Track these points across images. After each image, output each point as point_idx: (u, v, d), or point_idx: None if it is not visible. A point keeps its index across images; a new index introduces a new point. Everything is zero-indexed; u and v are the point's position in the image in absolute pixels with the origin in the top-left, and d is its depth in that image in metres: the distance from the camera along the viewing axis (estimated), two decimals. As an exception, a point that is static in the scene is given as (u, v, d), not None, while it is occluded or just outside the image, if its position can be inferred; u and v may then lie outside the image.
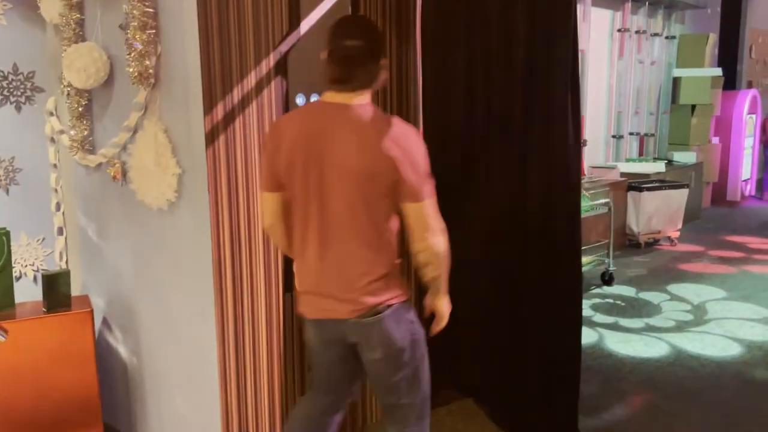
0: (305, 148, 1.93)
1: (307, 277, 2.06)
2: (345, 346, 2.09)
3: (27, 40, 3.09)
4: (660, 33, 8.23)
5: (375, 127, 1.93)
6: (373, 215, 1.95)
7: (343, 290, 1.99)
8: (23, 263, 3.20)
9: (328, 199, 1.94)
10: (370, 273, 1.97)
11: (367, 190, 1.92)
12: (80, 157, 2.89)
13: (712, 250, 6.71)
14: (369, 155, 1.89)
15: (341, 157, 1.91)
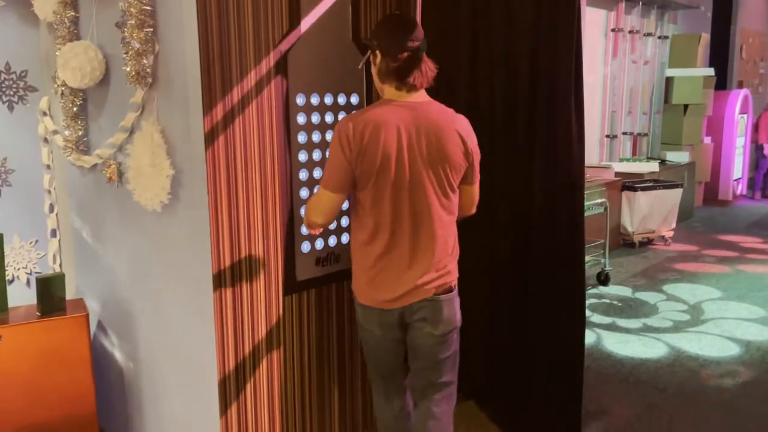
0: (403, 149, 2.09)
1: (388, 269, 2.18)
2: (404, 325, 2.26)
3: (20, 39, 3.03)
4: (653, 33, 8.25)
5: (451, 121, 2.16)
6: (450, 202, 2.21)
7: (428, 271, 2.18)
8: (16, 266, 3.14)
9: (422, 190, 2.13)
10: (447, 255, 2.22)
11: (453, 178, 2.18)
12: (75, 157, 2.84)
13: (706, 250, 6.73)
14: (456, 148, 2.14)
15: (434, 152, 2.11)
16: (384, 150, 2.08)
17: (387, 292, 2.20)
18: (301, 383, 2.67)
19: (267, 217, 2.45)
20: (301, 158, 2.54)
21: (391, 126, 2.08)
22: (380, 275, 2.20)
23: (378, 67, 2.16)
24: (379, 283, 2.21)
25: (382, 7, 2.75)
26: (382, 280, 2.20)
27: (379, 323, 2.27)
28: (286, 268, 2.53)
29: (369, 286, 2.23)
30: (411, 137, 2.10)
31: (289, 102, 2.47)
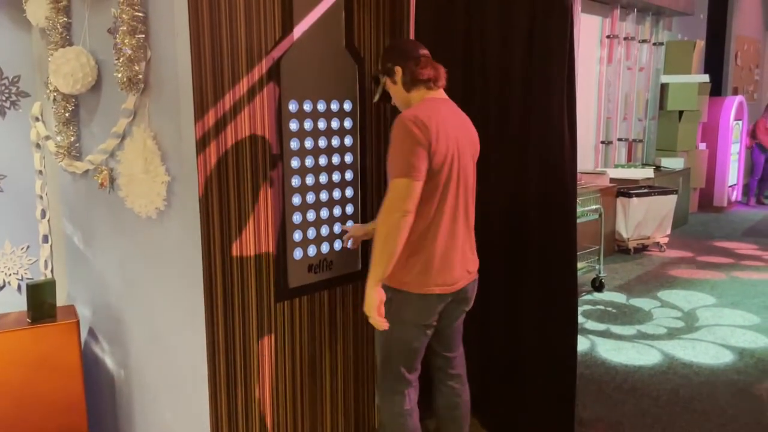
0: (455, 140, 2.28)
1: (450, 254, 2.33)
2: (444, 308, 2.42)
3: (12, 44, 3.02)
4: (648, 39, 8.28)
5: (467, 117, 2.44)
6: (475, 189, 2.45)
7: (474, 255, 2.46)
8: (7, 272, 3.12)
9: (467, 180, 2.36)
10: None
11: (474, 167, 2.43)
12: (66, 163, 2.82)
13: (700, 256, 6.74)
14: (476, 139, 2.44)
15: (469, 144, 2.38)
16: (447, 140, 2.25)
17: (450, 275, 2.35)
18: (293, 391, 2.66)
19: (259, 223, 2.44)
20: (293, 165, 2.53)
21: (444, 118, 2.28)
22: (444, 260, 2.32)
23: (402, 81, 2.36)
24: (444, 267, 2.33)
25: (376, 14, 2.75)
26: (447, 264, 2.33)
27: (433, 311, 2.37)
28: (278, 275, 2.52)
29: (435, 273, 2.31)
30: (458, 128, 2.33)
31: (281, 109, 2.47)
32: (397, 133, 2.21)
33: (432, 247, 2.31)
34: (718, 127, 9.30)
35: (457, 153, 2.29)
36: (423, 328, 2.40)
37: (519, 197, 2.79)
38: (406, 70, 2.34)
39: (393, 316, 2.33)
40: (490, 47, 2.77)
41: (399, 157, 2.19)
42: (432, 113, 2.24)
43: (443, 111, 2.31)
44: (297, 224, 2.57)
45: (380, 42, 2.78)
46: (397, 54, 2.38)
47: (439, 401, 2.64)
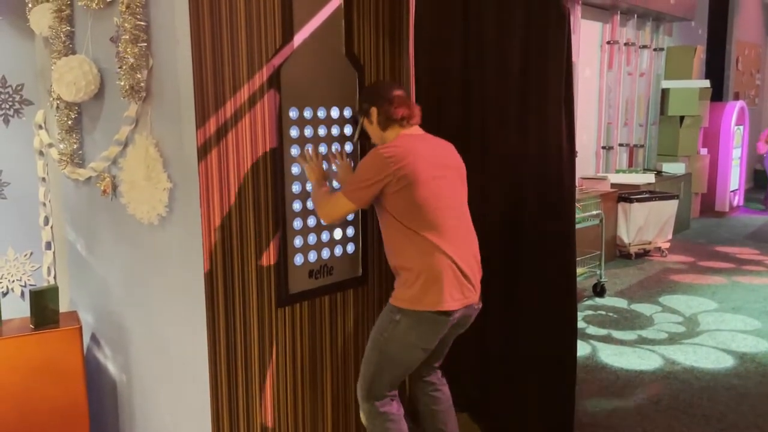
0: (435, 164, 2.39)
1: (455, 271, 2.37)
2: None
3: (16, 53, 3.05)
4: (648, 45, 8.30)
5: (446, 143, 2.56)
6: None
7: (477, 281, 2.49)
8: (10, 278, 3.15)
9: (459, 199, 2.48)
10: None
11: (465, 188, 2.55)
12: (69, 170, 2.85)
13: (702, 261, 6.74)
14: (461, 162, 2.54)
15: (455, 168, 2.49)
16: (426, 166, 2.36)
17: (457, 291, 2.38)
18: (294, 396, 2.67)
19: (260, 229, 2.46)
20: (293, 171, 2.55)
21: (419, 149, 2.39)
22: (450, 276, 2.37)
23: (378, 120, 2.47)
24: (451, 283, 2.37)
25: (375, 22, 2.77)
26: (453, 280, 2.37)
27: (440, 332, 2.42)
28: (279, 281, 2.54)
29: (443, 288, 2.35)
30: (437, 155, 2.44)
31: (282, 116, 2.49)
32: (366, 160, 2.40)
33: (438, 265, 2.34)
34: (720, 132, 9.31)
35: (441, 174, 2.40)
36: (426, 351, 2.45)
37: (518, 204, 2.80)
38: (381, 110, 2.45)
39: (399, 336, 2.39)
40: (488, 54, 2.79)
41: (356, 181, 2.39)
42: (405, 146, 2.38)
43: (417, 144, 2.42)
44: (298, 230, 2.59)
45: (380, 49, 2.81)
46: (372, 95, 2.51)
47: (419, 399, 2.67)
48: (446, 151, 2.52)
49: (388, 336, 2.42)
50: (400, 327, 2.38)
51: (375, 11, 2.77)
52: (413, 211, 2.35)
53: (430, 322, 2.37)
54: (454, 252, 2.38)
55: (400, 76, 2.92)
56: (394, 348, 2.42)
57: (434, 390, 2.67)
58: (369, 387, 2.50)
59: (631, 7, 7.37)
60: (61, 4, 2.70)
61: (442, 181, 2.40)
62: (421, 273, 2.35)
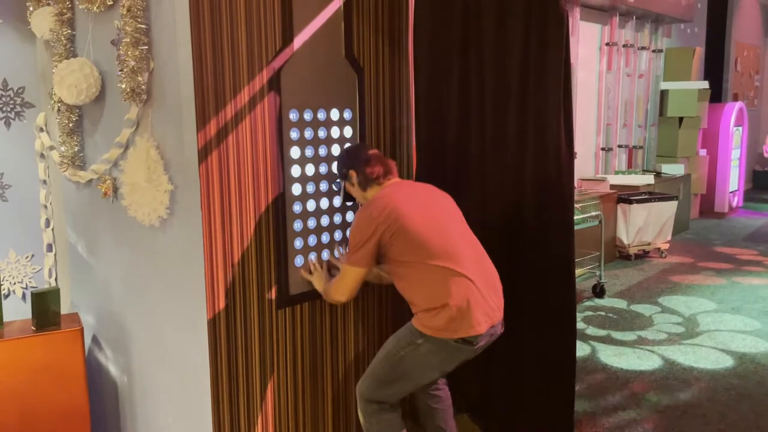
0: (424, 203, 2.47)
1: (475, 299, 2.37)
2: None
3: (17, 56, 3.07)
4: (647, 46, 8.32)
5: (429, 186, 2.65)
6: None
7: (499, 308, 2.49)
8: (12, 281, 3.16)
9: (458, 228, 2.51)
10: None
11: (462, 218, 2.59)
12: (70, 173, 2.86)
13: (701, 262, 6.75)
14: (450, 199, 2.60)
15: (445, 203, 2.56)
16: (415, 207, 2.42)
17: (476, 318, 2.36)
18: (294, 397, 2.68)
19: (260, 231, 2.47)
20: (293, 173, 2.57)
21: (402, 195, 2.47)
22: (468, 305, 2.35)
23: (358, 181, 2.54)
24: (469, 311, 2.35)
25: (374, 24, 2.79)
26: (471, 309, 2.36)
27: (459, 359, 2.44)
28: (279, 282, 2.55)
29: (463, 317, 2.34)
30: (423, 195, 2.53)
31: (282, 118, 2.51)
32: (354, 224, 2.48)
33: (457, 291, 2.33)
34: (719, 133, 9.32)
35: (427, 205, 2.47)
36: (442, 373, 2.52)
37: (516, 203, 2.81)
38: (359, 172, 2.53)
39: (418, 359, 2.41)
40: (486, 56, 2.81)
41: (353, 247, 2.44)
42: (384, 195, 2.46)
43: (396, 190, 2.50)
44: (298, 232, 2.60)
45: (379, 51, 2.82)
46: (349, 159, 2.59)
47: (418, 397, 2.69)
48: (426, 189, 2.59)
49: (405, 355, 2.42)
50: (420, 351, 2.39)
51: (374, 14, 2.79)
52: (416, 244, 2.36)
53: (454, 351, 2.38)
54: (470, 270, 2.38)
55: (399, 79, 2.93)
56: (408, 367, 2.43)
57: (435, 389, 2.69)
58: (373, 391, 2.51)
59: (629, 8, 7.39)
60: (62, 8, 2.72)
61: (432, 209, 2.47)
62: (445, 305, 2.33)
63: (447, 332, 2.33)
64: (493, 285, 2.47)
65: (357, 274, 2.45)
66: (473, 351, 2.40)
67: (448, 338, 2.34)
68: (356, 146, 2.69)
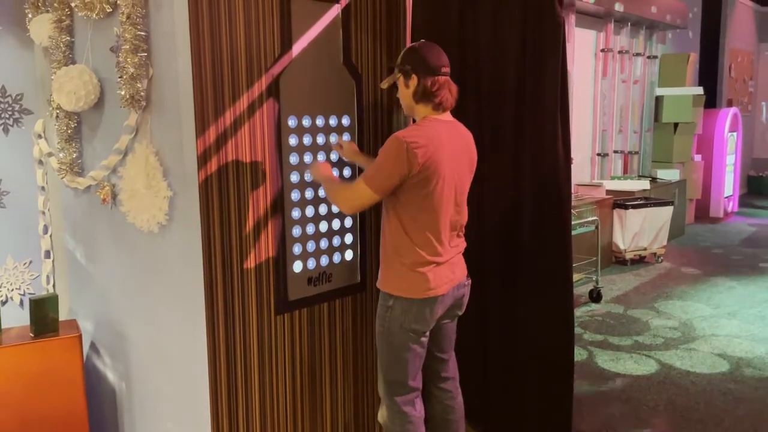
0: (452, 160, 2.37)
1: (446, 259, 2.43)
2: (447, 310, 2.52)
3: (15, 62, 3.07)
4: (642, 53, 8.37)
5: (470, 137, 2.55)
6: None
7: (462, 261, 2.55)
8: (9, 287, 3.15)
9: (462, 194, 2.48)
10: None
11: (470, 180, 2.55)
12: (69, 179, 2.87)
13: (697, 267, 6.78)
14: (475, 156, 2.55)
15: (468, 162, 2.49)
16: (442, 161, 2.33)
17: (447, 277, 2.44)
18: (293, 403, 2.68)
19: (259, 237, 2.48)
20: (292, 179, 2.58)
21: (442, 143, 2.34)
22: (441, 264, 2.42)
23: (414, 90, 2.38)
24: (442, 271, 2.42)
25: (372, 31, 2.80)
26: (444, 268, 2.43)
27: (434, 315, 2.45)
28: (278, 288, 2.56)
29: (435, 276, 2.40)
30: (457, 150, 2.43)
31: (280, 124, 2.52)
32: (387, 148, 2.32)
33: (430, 254, 2.40)
34: (714, 138, 9.38)
35: (453, 171, 2.39)
36: (422, 333, 2.47)
37: (514, 209, 2.83)
38: (422, 83, 2.36)
39: (394, 322, 2.42)
40: (483, 62, 2.83)
41: (376, 170, 2.33)
42: (431, 135, 2.32)
43: (443, 135, 2.36)
44: (296, 237, 2.61)
45: (377, 58, 2.84)
46: (419, 62, 2.37)
47: (434, 406, 2.68)
48: (466, 142, 2.50)
49: (388, 324, 2.45)
50: (395, 312, 2.42)
51: (372, 21, 2.80)
52: (425, 207, 2.35)
53: (422, 305, 2.41)
54: (446, 244, 2.44)
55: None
56: (396, 334, 2.44)
57: (449, 398, 2.69)
58: (387, 381, 2.52)
59: (624, 15, 7.44)
60: (61, 14, 2.72)
61: (456, 183, 2.42)
62: (412, 266, 2.39)
63: (410, 292, 2.39)
64: (459, 246, 2.54)
65: (370, 197, 2.34)
66: (440, 301, 2.44)
67: (412, 297, 2.40)
68: (434, 51, 2.41)
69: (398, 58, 2.48)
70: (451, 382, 2.69)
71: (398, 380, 2.50)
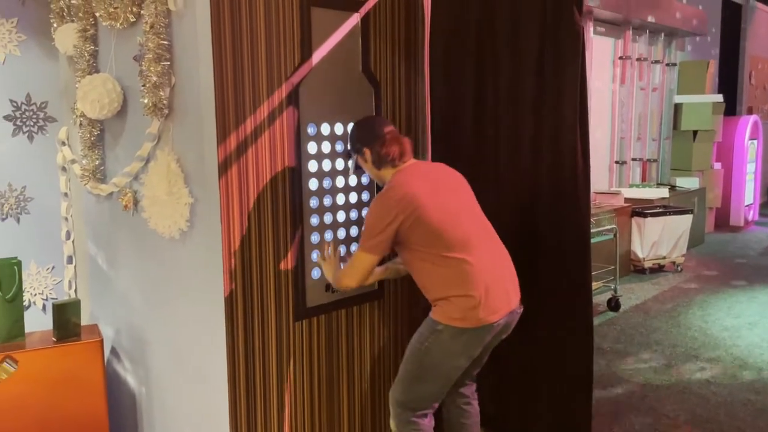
0: (440, 189, 2.45)
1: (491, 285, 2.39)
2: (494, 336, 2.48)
3: (40, 71, 3.13)
4: (661, 60, 8.32)
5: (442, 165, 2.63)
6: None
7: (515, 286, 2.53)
8: (32, 292, 3.20)
9: (474, 214, 2.52)
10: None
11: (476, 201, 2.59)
12: (92, 186, 2.91)
13: (718, 276, 6.70)
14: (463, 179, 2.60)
15: (460, 186, 2.55)
16: (432, 194, 2.39)
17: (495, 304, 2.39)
18: (311, 408, 2.69)
19: (278, 244, 2.50)
20: (311, 186, 2.60)
21: (420, 182, 2.43)
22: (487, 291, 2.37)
23: (372, 159, 2.50)
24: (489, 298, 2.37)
25: (391, 39, 2.82)
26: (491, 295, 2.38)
27: (482, 343, 2.43)
28: (297, 295, 2.57)
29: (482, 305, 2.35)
30: (439, 180, 2.49)
31: (300, 132, 2.54)
32: (372, 210, 2.43)
33: (474, 284, 2.35)
34: (733, 146, 9.28)
35: (444, 193, 2.44)
36: (469, 358, 2.45)
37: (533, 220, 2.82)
38: (373, 151, 2.48)
39: (439, 346, 2.39)
40: (502, 72, 2.83)
41: (367, 232, 2.40)
42: (403, 181, 2.43)
43: (414, 174, 2.47)
44: (315, 244, 2.63)
45: (396, 67, 2.85)
46: (363, 135, 2.53)
47: (450, 410, 2.67)
48: (440, 171, 2.57)
49: (429, 345, 2.41)
50: (443, 337, 2.38)
51: (391, 30, 2.82)
52: (433, 236, 2.36)
53: (475, 334, 2.38)
54: (487, 261, 2.40)
55: (416, 93, 2.96)
56: (435, 357, 2.41)
57: (466, 403, 2.68)
58: (406, 397, 2.50)
59: (643, 23, 7.41)
60: (85, 24, 2.78)
61: (450, 198, 2.45)
62: (461, 296, 2.34)
63: (465, 321, 2.34)
64: (508, 269, 2.50)
65: (370, 261, 2.41)
66: (493, 330, 2.40)
67: (467, 327, 2.35)
68: (371, 120, 2.62)
69: (348, 144, 2.62)
70: (468, 387, 2.68)
71: (419, 398, 2.49)
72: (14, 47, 3.07)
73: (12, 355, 2.64)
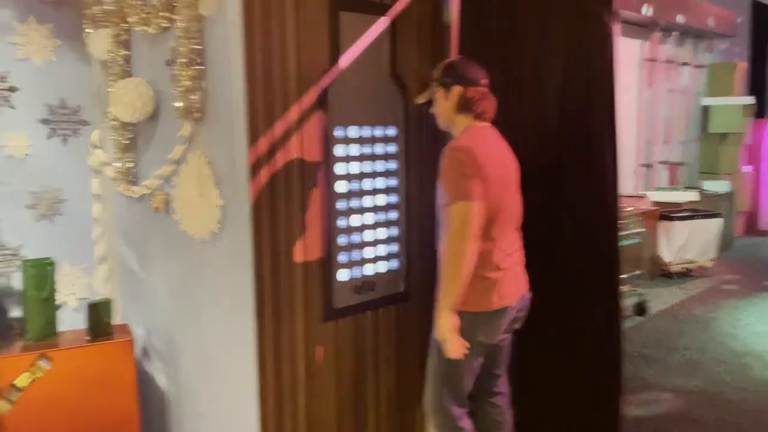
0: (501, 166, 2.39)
1: (508, 271, 2.41)
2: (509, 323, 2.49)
3: (75, 76, 3.20)
4: (689, 62, 8.22)
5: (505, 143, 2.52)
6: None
7: (524, 274, 2.54)
8: (65, 291, 3.26)
9: (515, 202, 2.48)
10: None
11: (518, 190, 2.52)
12: (124, 188, 2.96)
13: (747, 281, 6.59)
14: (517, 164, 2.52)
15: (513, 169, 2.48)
16: (494, 167, 2.33)
17: (511, 290, 2.43)
18: (338, 410, 2.70)
19: (306, 246, 2.52)
20: (339, 189, 2.61)
21: (490, 147, 2.38)
22: (504, 276, 2.40)
23: (455, 101, 2.41)
24: (506, 283, 2.40)
25: (418, 44, 2.83)
26: (507, 280, 2.41)
27: (500, 328, 2.44)
28: (325, 296, 2.59)
29: (499, 289, 2.38)
30: (502, 156, 2.44)
31: (328, 135, 2.56)
32: (446, 162, 2.33)
33: (493, 266, 2.37)
34: (763, 149, 9.13)
35: (504, 178, 2.40)
36: (485, 347, 2.46)
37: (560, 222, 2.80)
38: (464, 94, 2.40)
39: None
40: (528, 76, 2.81)
41: (452, 184, 2.30)
42: (479, 143, 2.34)
43: (488, 140, 2.42)
44: (342, 246, 2.64)
45: (423, 70, 2.86)
46: (460, 74, 2.43)
47: (483, 421, 2.65)
48: (507, 153, 2.50)
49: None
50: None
51: (418, 34, 2.83)
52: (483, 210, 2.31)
53: (490, 319, 2.40)
54: (508, 246, 2.42)
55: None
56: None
57: (499, 414, 2.66)
58: (438, 397, 2.49)
59: (670, 24, 7.33)
60: (119, 30, 2.83)
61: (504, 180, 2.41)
62: (482, 278, 2.35)
63: (480, 305, 2.36)
64: (521, 258, 2.52)
65: (471, 209, 2.23)
66: (507, 313, 2.43)
67: (481, 311, 2.37)
68: (473, 63, 2.48)
69: (437, 72, 2.50)
70: (501, 398, 2.66)
71: (456, 393, 2.48)
72: (50, 52, 3.14)
73: (46, 353, 2.69)
